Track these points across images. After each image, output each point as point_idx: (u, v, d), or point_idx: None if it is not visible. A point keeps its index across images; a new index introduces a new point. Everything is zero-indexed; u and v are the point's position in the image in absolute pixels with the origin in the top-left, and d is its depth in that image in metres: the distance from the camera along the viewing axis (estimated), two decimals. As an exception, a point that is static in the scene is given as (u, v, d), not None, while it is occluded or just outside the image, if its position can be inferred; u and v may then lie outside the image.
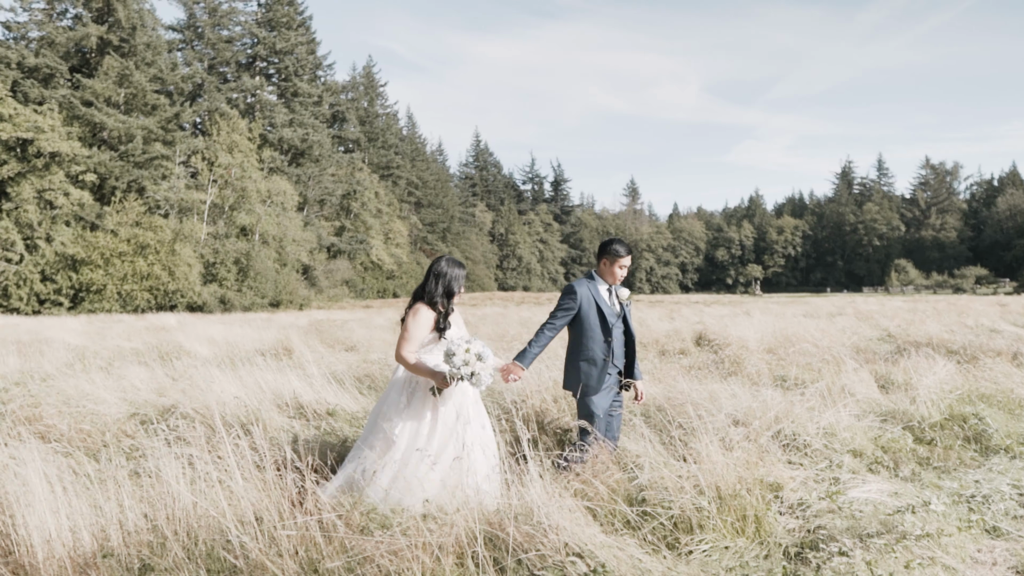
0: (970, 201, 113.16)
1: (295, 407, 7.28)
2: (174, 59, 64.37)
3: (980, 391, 7.83)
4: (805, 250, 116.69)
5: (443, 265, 4.94)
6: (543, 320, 5.40)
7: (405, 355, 4.73)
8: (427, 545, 3.10)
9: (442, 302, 4.88)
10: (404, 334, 4.76)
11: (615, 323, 5.31)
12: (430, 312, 4.82)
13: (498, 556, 3.23)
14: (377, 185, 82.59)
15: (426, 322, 4.80)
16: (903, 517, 4.03)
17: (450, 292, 4.92)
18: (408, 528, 3.40)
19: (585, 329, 5.26)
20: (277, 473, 4.05)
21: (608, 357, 5.24)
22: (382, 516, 3.90)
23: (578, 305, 5.25)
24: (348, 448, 5.84)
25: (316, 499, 4.01)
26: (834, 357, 9.67)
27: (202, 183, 60.02)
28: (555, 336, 5.28)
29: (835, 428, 6.20)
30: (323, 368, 9.72)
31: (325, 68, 79.79)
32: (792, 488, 4.61)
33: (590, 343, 5.23)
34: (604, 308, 5.27)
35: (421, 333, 4.78)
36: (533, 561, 3.19)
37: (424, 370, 4.70)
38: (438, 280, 4.88)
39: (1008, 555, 4.08)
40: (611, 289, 5.41)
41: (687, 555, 3.79)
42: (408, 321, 4.79)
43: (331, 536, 3.16)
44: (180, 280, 51.83)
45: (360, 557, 3.04)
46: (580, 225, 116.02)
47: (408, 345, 4.74)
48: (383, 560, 2.99)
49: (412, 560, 2.98)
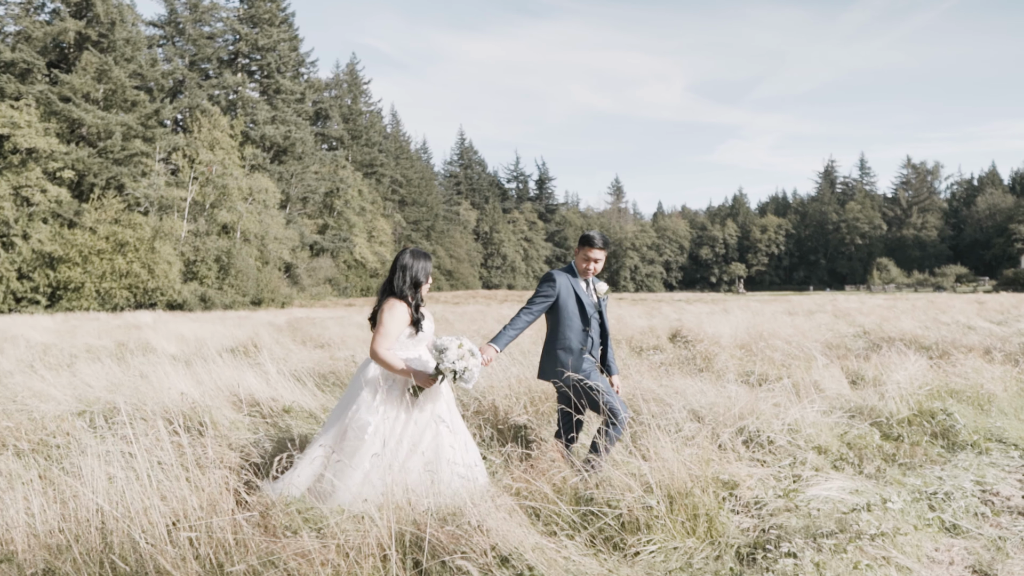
0: (951, 200, 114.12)
1: (250, 404, 7.07)
2: (154, 55, 63.60)
3: (950, 386, 7.73)
4: (788, 249, 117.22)
5: (407, 258, 4.81)
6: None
7: (382, 352, 4.56)
8: (341, 547, 2.93)
9: (411, 294, 4.75)
10: (380, 329, 4.61)
11: (593, 315, 5.25)
12: (404, 306, 4.69)
13: (420, 559, 3.05)
14: (360, 183, 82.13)
15: (401, 316, 4.66)
16: (859, 516, 3.89)
17: (417, 283, 4.79)
18: (338, 529, 3.21)
19: (563, 317, 5.19)
20: (224, 471, 3.85)
21: (585, 346, 5.17)
22: (317, 516, 3.71)
23: (557, 292, 5.18)
24: (303, 445, 5.64)
25: (260, 498, 3.82)
26: (805, 353, 9.55)
27: (183, 180, 59.40)
28: (532, 321, 5.17)
29: (800, 425, 6.05)
30: (288, 365, 9.51)
31: (308, 65, 79.26)
32: (749, 486, 4.45)
33: (568, 331, 5.16)
34: (583, 298, 5.21)
35: (397, 328, 4.64)
36: (458, 564, 3.01)
37: (406, 369, 4.55)
38: (405, 272, 4.75)
39: (966, 554, 3.94)
40: (588, 283, 5.33)
41: (633, 556, 3.62)
42: (384, 316, 4.64)
43: (241, 538, 2.97)
44: (160, 278, 51.24)
45: (266, 560, 2.86)
46: (565, 223, 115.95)
47: (385, 341, 4.59)
48: (292, 563, 2.81)
49: (323, 564, 2.80)
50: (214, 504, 3.16)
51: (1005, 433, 6.60)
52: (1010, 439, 6.48)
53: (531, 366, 7.40)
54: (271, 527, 3.15)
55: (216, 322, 23.31)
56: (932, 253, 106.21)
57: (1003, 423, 6.82)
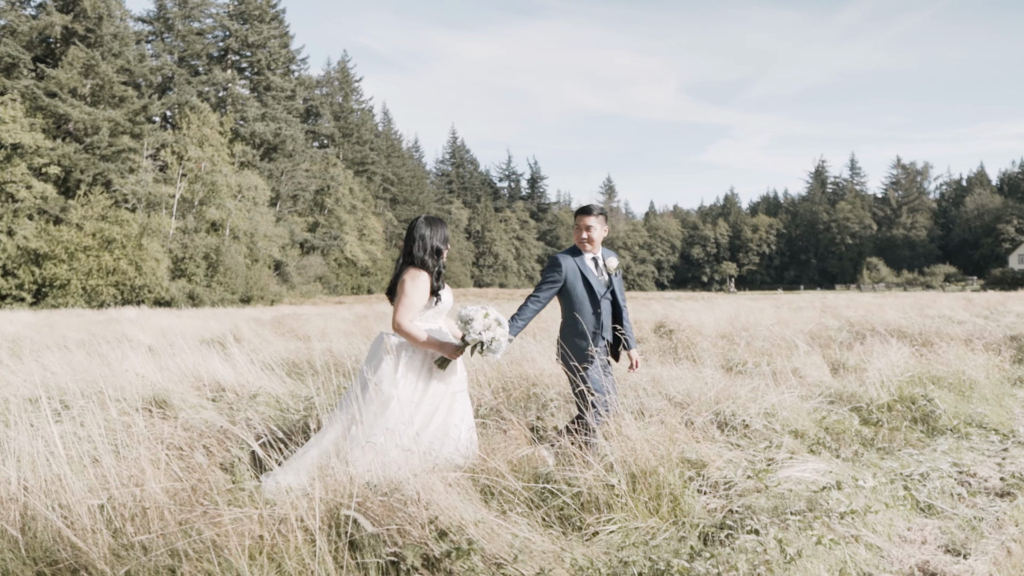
0: (940, 201, 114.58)
1: (216, 390, 6.88)
2: (142, 50, 63.15)
3: (932, 373, 7.61)
4: (779, 248, 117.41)
5: (423, 226, 4.59)
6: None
7: (405, 324, 4.35)
8: (264, 518, 2.76)
9: (433, 262, 4.54)
10: (402, 300, 4.38)
11: (603, 295, 5.09)
12: (426, 275, 4.47)
13: (354, 532, 2.88)
14: (351, 181, 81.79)
15: (424, 286, 4.44)
16: (828, 494, 3.74)
17: (437, 250, 4.59)
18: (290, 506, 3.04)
19: (573, 302, 5.05)
20: (161, 448, 3.67)
21: (598, 330, 5.03)
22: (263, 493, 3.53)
23: (563, 278, 5.03)
24: (271, 430, 5.46)
25: (203, 476, 3.64)
26: (787, 342, 9.41)
27: (171, 177, 59.02)
28: (539, 309, 5.03)
29: (777, 409, 5.91)
30: (261, 356, 9.33)
31: (299, 62, 78.89)
32: (718, 467, 4.29)
33: (579, 316, 5.02)
34: (591, 279, 5.05)
35: (421, 298, 4.41)
36: (393, 537, 2.84)
37: (430, 341, 4.37)
38: (424, 241, 4.54)
39: (939, 533, 3.80)
40: (596, 259, 5.16)
41: (592, 536, 3.46)
42: (406, 286, 4.41)
43: (158, 509, 2.80)
44: (147, 275, 50.85)
45: (185, 530, 2.69)
46: (557, 222, 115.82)
47: (408, 312, 4.36)
48: (208, 532, 2.64)
49: (240, 535, 2.64)
50: (136, 478, 2.99)
51: (986, 419, 6.47)
52: (990, 424, 6.36)
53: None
54: (202, 502, 2.97)
55: (201, 318, 23.07)
56: (921, 253, 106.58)
57: (984, 409, 6.70)
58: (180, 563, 2.60)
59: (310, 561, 2.70)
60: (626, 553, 3.08)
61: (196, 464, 3.34)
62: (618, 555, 3.10)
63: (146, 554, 2.64)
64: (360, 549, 2.86)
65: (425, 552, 2.80)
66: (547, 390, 6.42)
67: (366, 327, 16.04)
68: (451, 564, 2.76)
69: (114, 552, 2.70)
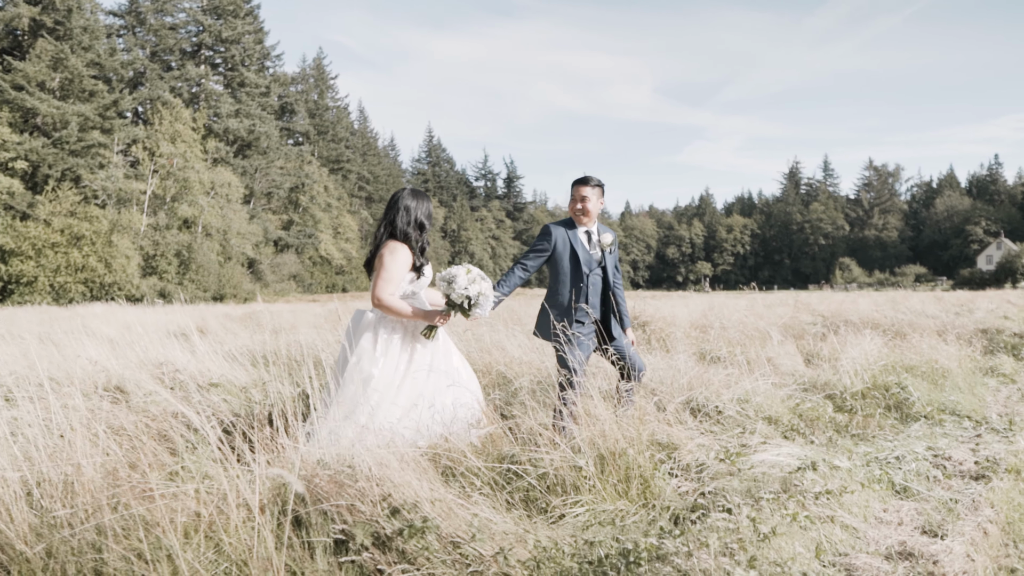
0: (910, 202, 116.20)
1: (174, 379, 6.65)
2: (113, 44, 62.00)
3: (905, 363, 7.57)
4: (753, 248, 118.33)
5: (408, 197, 4.39)
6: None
7: (385, 298, 4.17)
8: (201, 494, 2.58)
9: (416, 235, 4.35)
10: (381, 274, 4.20)
11: (593, 269, 4.95)
12: (407, 248, 4.28)
13: (298, 508, 2.71)
14: (327, 179, 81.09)
15: (404, 259, 4.26)
16: (803, 475, 3.63)
17: (421, 225, 4.40)
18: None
19: (558, 273, 4.94)
20: (101, 428, 3.47)
21: (580, 303, 4.88)
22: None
23: (552, 246, 4.91)
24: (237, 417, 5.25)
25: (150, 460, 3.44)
26: (760, 332, 9.35)
27: (142, 173, 58.11)
28: (525, 278, 4.92)
29: (751, 396, 5.81)
30: (225, 347, 9.10)
31: (273, 59, 78.00)
32: (689, 449, 4.17)
33: (561, 288, 4.91)
34: (580, 252, 4.92)
35: (400, 271, 4.24)
36: (343, 515, 2.68)
37: (415, 312, 4.19)
38: (409, 213, 4.34)
39: (916, 515, 3.70)
40: (590, 233, 5.02)
41: (559, 519, 3.31)
42: (386, 259, 4.22)
43: (84, 483, 2.61)
44: (117, 272, 49.98)
45: (112, 504, 2.51)
46: (533, 222, 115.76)
47: (388, 286, 4.19)
48: (141, 508, 2.46)
49: (174, 511, 2.46)
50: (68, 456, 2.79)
51: (959, 406, 6.43)
52: (963, 411, 6.31)
53: (474, 338, 7.10)
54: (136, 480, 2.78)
55: (170, 313, 22.64)
56: (892, 253, 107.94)
57: (957, 397, 6.66)
58: (107, 540, 2.41)
59: (249, 539, 2.52)
60: (592, 533, 2.93)
61: (139, 444, 3.14)
62: (584, 536, 2.95)
63: (72, 532, 2.45)
64: (307, 527, 2.69)
65: (376, 530, 2.64)
66: (518, 378, 6.27)
67: (337, 321, 15.79)
68: (404, 543, 2.60)
69: (35, 530, 2.50)
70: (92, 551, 2.42)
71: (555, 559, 2.68)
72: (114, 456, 2.83)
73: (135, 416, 4.17)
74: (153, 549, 2.38)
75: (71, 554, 2.41)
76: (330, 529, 2.65)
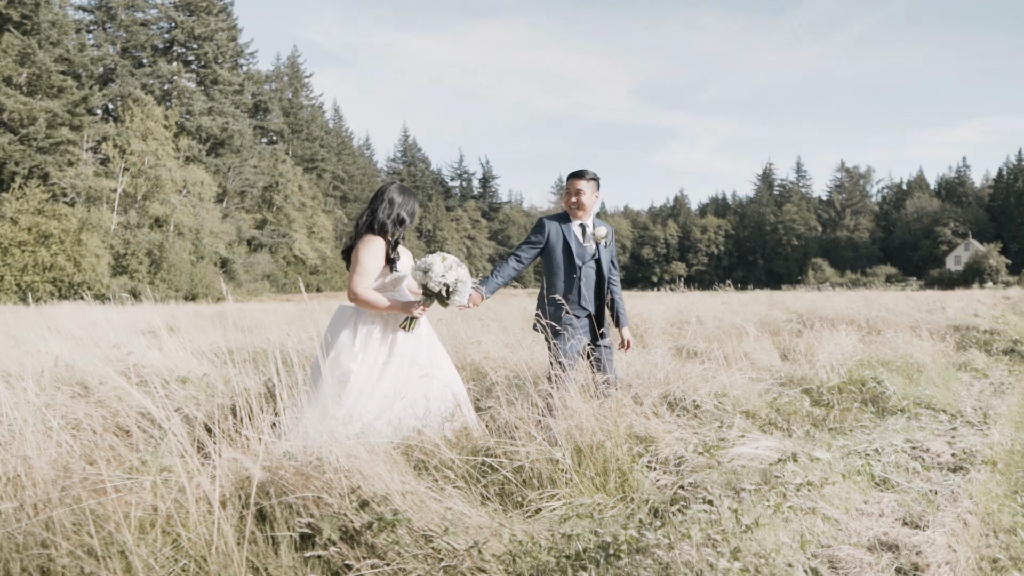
0: (881, 204, 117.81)
1: (141, 374, 6.46)
2: (83, 40, 60.98)
3: (881, 358, 7.59)
4: (728, 249, 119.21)
5: (395, 192, 4.38)
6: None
7: (361, 291, 4.15)
8: (158, 486, 2.45)
9: (393, 229, 4.33)
10: (356, 268, 4.19)
11: (586, 262, 4.95)
12: (382, 242, 4.26)
13: (261, 501, 2.59)
14: (301, 178, 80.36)
15: (379, 252, 4.23)
16: (784, 466, 3.57)
17: (401, 220, 4.37)
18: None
19: (551, 265, 4.96)
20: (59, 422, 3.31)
21: (573, 296, 4.88)
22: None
23: (545, 239, 4.94)
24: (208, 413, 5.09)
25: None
26: (736, 328, 9.33)
27: (112, 171, 57.14)
28: (520, 269, 4.95)
29: (728, 390, 5.77)
30: (195, 345, 8.91)
31: (247, 56, 77.15)
32: (667, 443, 4.10)
33: (555, 280, 4.93)
34: (573, 245, 4.94)
35: (375, 265, 4.22)
36: (309, 508, 2.56)
37: (393, 304, 4.16)
38: (393, 207, 4.33)
39: (897, 506, 3.66)
40: (584, 226, 5.03)
41: (535, 513, 3.22)
42: (360, 252, 4.21)
43: (29, 477, 2.47)
44: (87, 272, 49.09)
45: (60, 502, 2.37)
46: (508, 222, 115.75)
47: (363, 280, 4.17)
48: (92, 502, 2.33)
49: (128, 504, 2.33)
50: (15, 447, 2.64)
51: (934, 400, 6.44)
52: (939, 405, 6.33)
53: (450, 334, 6.99)
54: (91, 473, 2.64)
55: (140, 311, 22.23)
56: (864, 254, 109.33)
57: (932, 391, 6.68)
58: (55, 536, 2.28)
59: (208, 534, 2.40)
60: (570, 527, 2.84)
61: (97, 438, 3.00)
62: (561, 530, 2.86)
63: (18, 528, 2.31)
64: (271, 521, 2.56)
65: (344, 524, 2.52)
66: (493, 372, 6.18)
67: (312, 320, 15.58)
68: (373, 537, 2.49)
69: (-24, 527, 2.36)
70: (39, 548, 2.28)
71: (532, 553, 2.59)
72: (67, 449, 2.69)
73: (96, 410, 4.01)
74: (105, 545, 2.25)
75: (15, 551, 2.27)
76: (296, 523, 2.53)
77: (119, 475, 2.49)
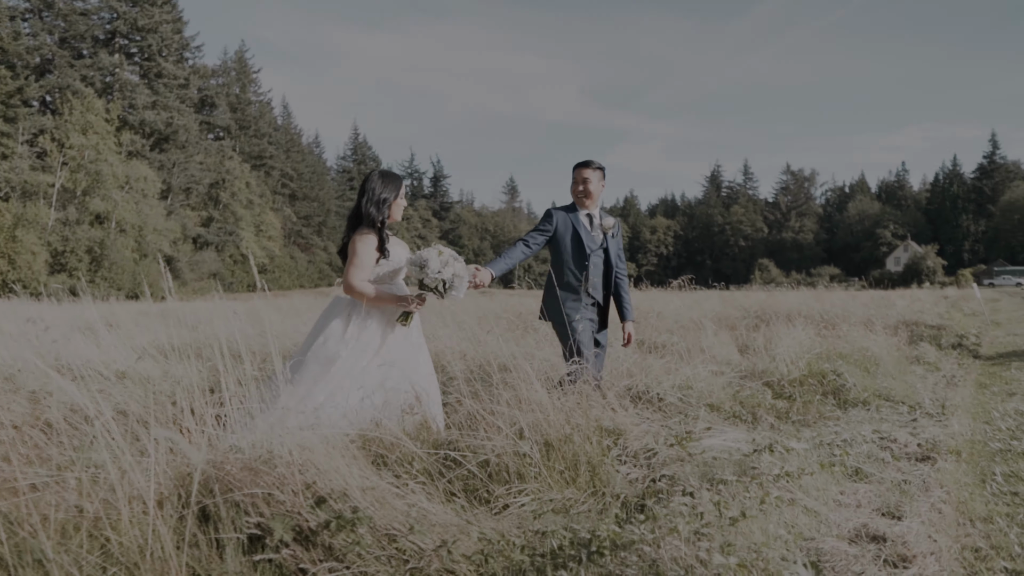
0: (825, 206, 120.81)
1: (76, 370, 6.09)
2: (18, 27, 58.71)
3: (838, 351, 7.60)
4: (676, 249, 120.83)
5: (375, 180, 4.36)
6: None
7: (357, 283, 4.13)
8: (84, 485, 2.20)
9: (378, 214, 4.29)
10: (353, 260, 4.20)
11: (594, 251, 5.00)
12: (375, 234, 4.27)
13: (203, 499, 2.35)
14: (248, 175, 78.71)
15: (373, 244, 4.25)
16: (759, 457, 3.45)
17: (384, 200, 4.33)
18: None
19: (560, 253, 5.02)
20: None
21: (583, 284, 4.93)
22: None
23: (554, 227, 5.02)
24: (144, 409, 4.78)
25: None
26: (695, 323, 9.29)
27: (50, 165, 55.16)
28: (529, 254, 4.97)
29: (692, 382, 5.67)
30: (139, 341, 8.53)
31: (193, 50, 75.33)
32: (636, 436, 3.95)
33: (565, 268, 4.99)
34: (582, 234, 5.01)
35: (371, 257, 4.23)
36: (259, 507, 2.33)
37: (390, 296, 4.12)
38: (373, 192, 4.31)
39: (873, 496, 3.57)
40: (592, 216, 5.06)
41: (503, 509, 3.03)
42: (357, 245, 4.22)
43: None
44: (22, 269, 47.35)
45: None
46: (459, 221, 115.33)
47: (361, 272, 4.18)
48: (3, 505, 2.07)
49: (50, 505, 2.08)
50: None
51: (892, 392, 6.46)
52: (897, 397, 6.35)
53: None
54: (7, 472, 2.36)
55: (79, 309, 21.38)
56: (808, 255, 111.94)
57: (890, 383, 6.71)
58: (-40, 543, 2.00)
59: (142, 537, 2.15)
60: (543, 524, 2.66)
61: (20, 435, 2.70)
62: (534, 526, 2.67)
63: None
64: (215, 522, 2.32)
65: (298, 523, 2.30)
66: (450, 365, 5.98)
67: (260, 318, 15.14)
68: (331, 537, 2.27)
69: None
70: (-59, 556, 2.00)
71: (504, 552, 2.40)
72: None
73: (20, 406, 3.69)
74: (17, 553, 1.98)
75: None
76: (243, 523, 2.29)
77: (39, 473, 2.22)
